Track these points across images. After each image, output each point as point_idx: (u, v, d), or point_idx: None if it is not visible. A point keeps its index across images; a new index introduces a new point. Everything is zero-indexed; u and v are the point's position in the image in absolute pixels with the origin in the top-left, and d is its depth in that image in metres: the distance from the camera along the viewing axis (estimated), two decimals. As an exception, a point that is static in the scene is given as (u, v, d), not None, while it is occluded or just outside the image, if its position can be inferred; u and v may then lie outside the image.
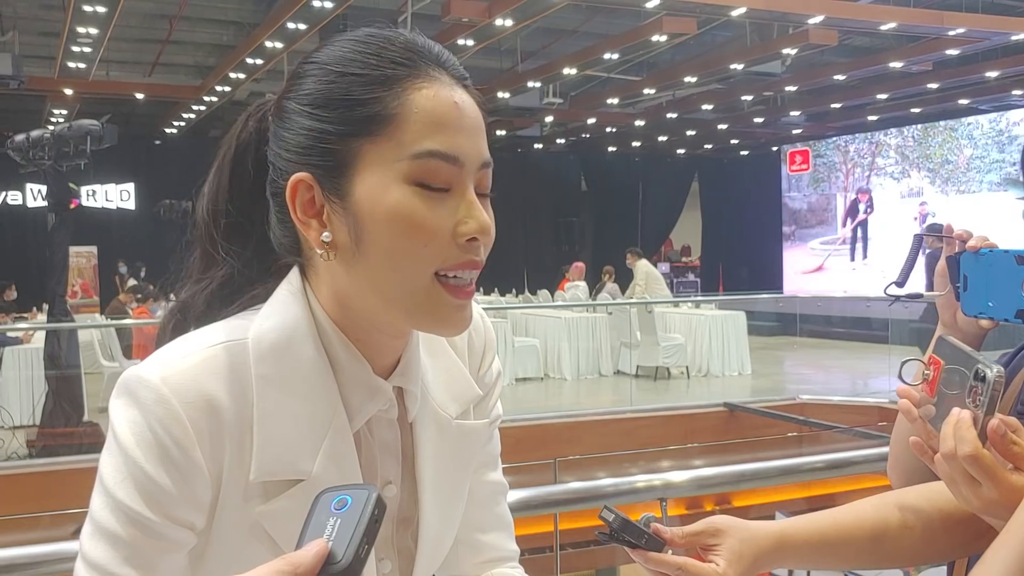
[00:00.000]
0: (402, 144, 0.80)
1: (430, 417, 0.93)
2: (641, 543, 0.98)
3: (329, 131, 0.81)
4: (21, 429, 7.43)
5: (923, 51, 12.36)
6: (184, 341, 0.83)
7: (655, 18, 10.83)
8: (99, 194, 17.07)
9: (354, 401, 0.86)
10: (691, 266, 22.64)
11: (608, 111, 16.61)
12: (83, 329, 8.71)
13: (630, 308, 10.65)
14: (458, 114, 0.82)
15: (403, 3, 10.44)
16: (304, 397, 0.83)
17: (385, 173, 0.80)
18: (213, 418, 0.79)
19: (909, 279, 1.15)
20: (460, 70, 0.86)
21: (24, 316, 11.66)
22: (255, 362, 0.82)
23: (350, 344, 0.85)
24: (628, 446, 6.30)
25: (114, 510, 0.77)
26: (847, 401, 7.52)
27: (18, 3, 10.89)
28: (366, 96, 0.80)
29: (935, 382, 0.97)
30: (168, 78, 15.04)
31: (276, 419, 0.81)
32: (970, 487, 0.89)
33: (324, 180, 0.82)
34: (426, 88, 0.81)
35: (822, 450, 3.98)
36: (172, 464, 0.77)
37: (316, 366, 0.84)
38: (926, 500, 1.09)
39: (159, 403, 0.77)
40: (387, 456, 0.90)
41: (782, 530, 1.04)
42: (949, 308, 1.16)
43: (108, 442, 0.79)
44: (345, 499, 0.66)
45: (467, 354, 0.99)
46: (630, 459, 5.60)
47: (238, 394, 0.81)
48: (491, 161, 0.86)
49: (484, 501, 1.03)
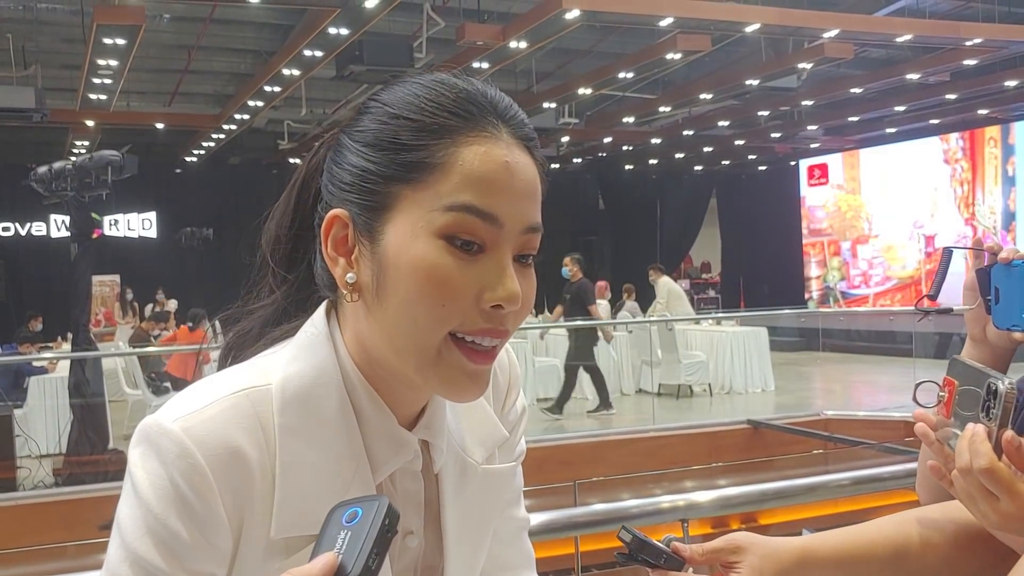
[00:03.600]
0: (440, 195, 0.76)
1: (456, 466, 0.90)
2: (660, 563, 0.97)
3: (372, 172, 0.79)
4: (47, 458, 7.50)
5: (940, 62, 12.30)
6: (206, 385, 0.81)
7: (669, 36, 10.85)
8: (121, 223, 17.29)
9: (378, 453, 0.83)
10: (711, 282, 22.56)
11: (624, 129, 16.63)
12: (107, 357, 8.78)
13: (651, 326, 10.60)
14: (507, 175, 0.78)
15: (418, 28, 10.52)
16: (327, 449, 0.81)
17: (418, 222, 0.77)
18: (236, 469, 0.77)
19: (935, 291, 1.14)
20: (526, 130, 0.82)
21: (49, 346, 11.76)
22: (278, 411, 0.80)
23: (375, 394, 0.83)
24: (651, 465, 6.25)
25: (132, 564, 0.75)
26: (872, 416, 7.43)
27: (40, 38, 11.07)
28: (414, 142, 0.78)
29: (950, 404, 0.96)
30: (187, 107, 15.22)
31: (298, 472, 0.79)
32: (987, 501, 0.88)
33: (359, 220, 0.80)
34: (477, 145, 0.78)
35: (848, 467, 3.94)
36: (192, 517, 0.75)
37: (340, 416, 0.82)
38: (949, 518, 1.07)
39: (181, 456, 0.75)
40: (409, 507, 0.87)
41: (804, 546, 1.03)
42: (978, 322, 1.13)
43: (126, 491, 0.77)
44: (356, 511, 0.65)
45: (491, 392, 0.96)
46: (653, 479, 5.56)
47: (261, 444, 0.78)
48: (540, 227, 0.81)
49: (508, 539, 1.00)
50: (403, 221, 0.77)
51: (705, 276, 23.06)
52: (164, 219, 17.78)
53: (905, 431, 6.46)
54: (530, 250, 0.80)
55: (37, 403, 8.19)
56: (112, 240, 16.33)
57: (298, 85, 12.38)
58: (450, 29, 10.25)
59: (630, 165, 21.44)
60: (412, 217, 0.77)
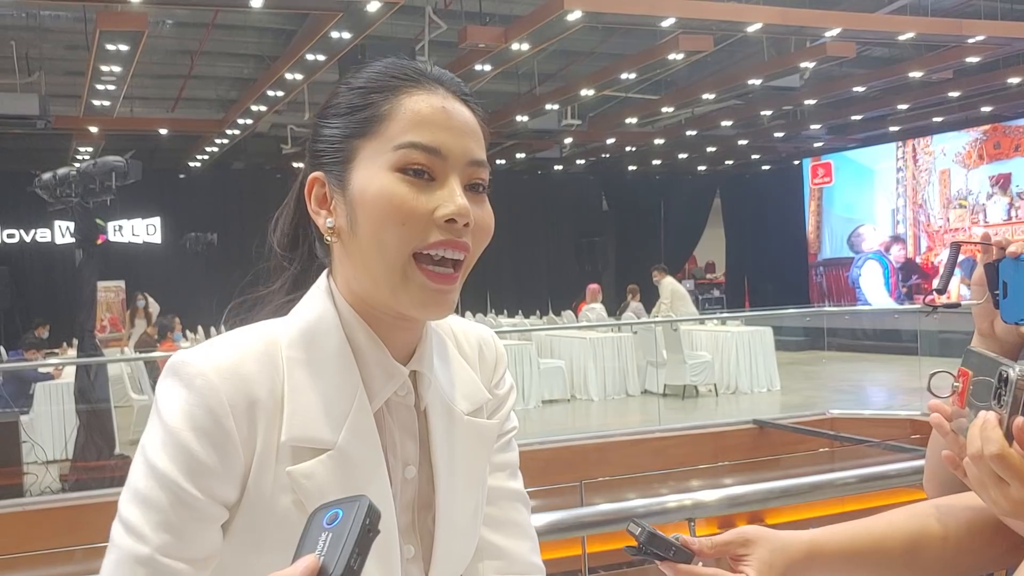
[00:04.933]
0: (390, 139, 0.90)
1: (442, 407, 0.99)
2: (669, 555, 0.97)
3: (336, 135, 0.94)
4: (54, 463, 7.50)
5: (943, 60, 12.28)
6: (226, 336, 0.93)
7: (671, 36, 10.84)
8: (126, 229, 17.31)
9: (374, 384, 0.94)
10: (716, 283, 22.54)
11: (627, 130, 16.62)
12: (112, 363, 8.79)
13: (655, 327, 10.60)
14: (445, 116, 0.92)
15: (420, 31, 10.52)
16: (329, 378, 0.91)
17: (374, 163, 0.90)
18: (251, 399, 0.87)
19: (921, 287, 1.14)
20: (461, 87, 0.96)
21: (55, 352, 11.79)
22: (286, 347, 0.91)
23: (370, 331, 0.94)
24: (657, 466, 6.25)
25: (153, 477, 0.84)
26: (878, 415, 7.42)
27: (44, 45, 11.09)
28: (364, 102, 0.93)
29: (964, 394, 0.96)
30: (191, 112, 15.25)
31: (304, 393, 0.90)
32: (998, 488, 0.89)
33: (331, 176, 0.94)
34: (418, 94, 0.92)
35: (854, 465, 3.93)
36: (212, 440, 0.84)
37: (340, 352, 0.93)
38: (961, 509, 1.07)
39: (204, 386, 0.85)
40: (406, 437, 0.97)
41: (814, 539, 1.03)
42: (986, 317, 1.13)
43: (151, 419, 0.87)
44: (337, 513, 0.66)
45: (479, 365, 1.07)
46: (659, 479, 5.55)
47: (272, 374, 0.89)
48: (483, 162, 0.93)
49: (502, 504, 1.06)
50: (364, 166, 0.91)
51: (709, 276, 23.03)
52: (168, 224, 17.80)
53: (911, 429, 6.45)
54: (479, 180, 0.93)
55: (43, 409, 8.21)
56: (117, 246, 16.36)
57: (301, 89, 12.39)
58: (452, 32, 10.25)
59: (633, 166, 21.42)
60: (371, 161, 0.91)
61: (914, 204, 17.24)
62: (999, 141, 15.78)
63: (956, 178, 16.46)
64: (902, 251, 17.54)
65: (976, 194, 16.14)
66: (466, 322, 1.10)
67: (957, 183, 16.47)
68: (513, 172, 20.60)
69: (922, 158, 17.08)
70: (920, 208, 17.14)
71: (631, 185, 22.14)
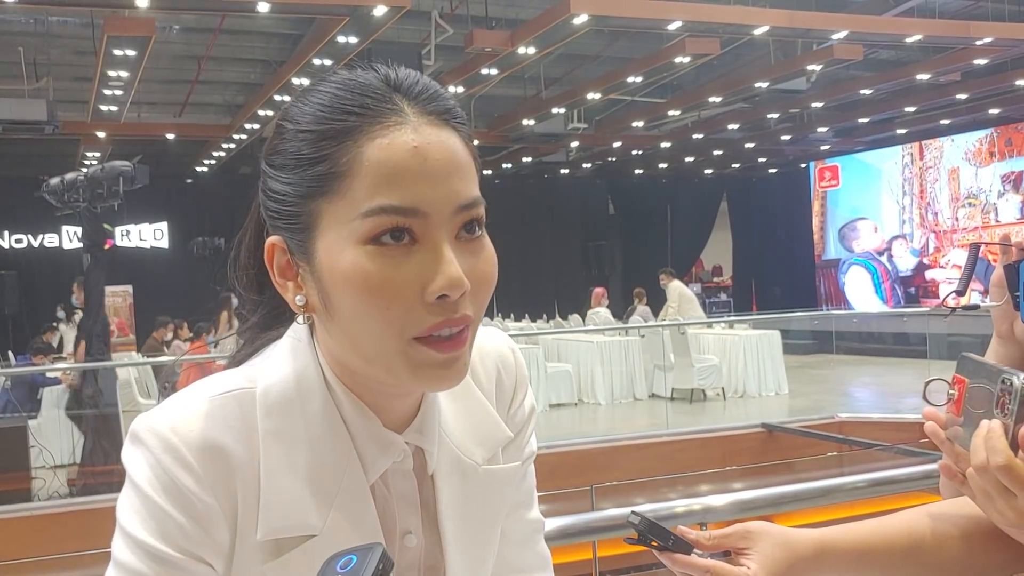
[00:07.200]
0: (355, 203, 0.74)
1: (452, 467, 0.89)
2: (668, 545, 0.96)
3: (289, 193, 0.78)
4: (62, 468, 7.51)
5: (950, 62, 12.25)
6: (195, 389, 0.82)
7: (678, 40, 10.84)
8: (133, 234, 17.37)
9: (367, 455, 0.83)
10: (723, 286, 22.51)
11: (633, 134, 16.63)
12: (120, 368, 8.80)
13: (663, 330, 10.58)
14: (418, 160, 0.74)
15: (426, 36, 10.54)
16: (313, 452, 0.81)
17: (339, 233, 0.75)
18: (222, 464, 0.78)
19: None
20: (438, 103, 0.78)
21: (63, 357, 11.80)
22: (261, 417, 0.80)
23: (356, 400, 0.82)
24: (665, 470, 6.23)
25: (134, 549, 0.77)
26: (887, 418, 7.39)
27: (51, 50, 11.14)
28: (317, 155, 0.76)
29: (960, 401, 0.95)
30: (198, 118, 15.30)
31: (282, 475, 0.79)
32: (1004, 499, 0.87)
33: (292, 243, 0.79)
34: (380, 137, 0.75)
35: (863, 469, 3.91)
36: (188, 507, 0.77)
37: (325, 420, 0.81)
38: (960, 513, 1.06)
39: (169, 451, 0.77)
40: (405, 506, 0.87)
41: (822, 537, 1.01)
42: (1006, 319, 1.11)
43: (124, 489, 0.79)
44: (351, 559, 0.65)
45: (495, 394, 0.95)
46: (668, 483, 5.54)
47: (247, 444, 0.79)
48: (473, 201, 0.77)
49: (522, 541, 0.99)
50: (329, 236, 0.76)
51: (717, 280, 23.01)
52: (176, 229, 17.85)
53: (920, 433, 6.41)
54: (472, 220, 0.77)
55: (51, 414, 8.22)
56: (124, 251, 16.40)
57: (308, 94, 12.41)
58: (458, 36, 10.27)
59: (640, 169, 21.42)
60: (335, 230, 0.75)
61: (921, 202, 17.13)
62: (1011, 137, 15.63)
63: (966, 176, 16.28)
64: (906, 251, 17.41)
65: (987, 192, 15.99)
66: (482, 337, 0.90)
67: (967, 181, 16.28)
68: (519, 176, 20.62)
69: (930, 155, 16.97)
70: (928, 207, 17.00)
71: (638, 188, 22.13)
